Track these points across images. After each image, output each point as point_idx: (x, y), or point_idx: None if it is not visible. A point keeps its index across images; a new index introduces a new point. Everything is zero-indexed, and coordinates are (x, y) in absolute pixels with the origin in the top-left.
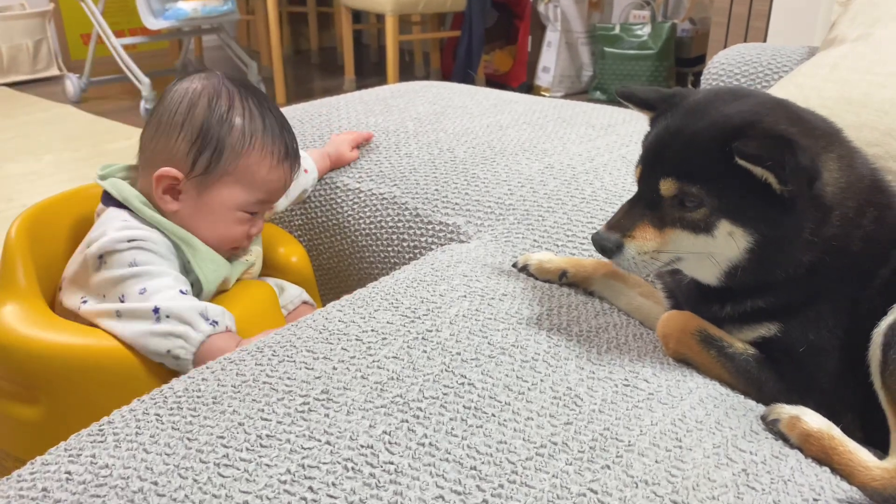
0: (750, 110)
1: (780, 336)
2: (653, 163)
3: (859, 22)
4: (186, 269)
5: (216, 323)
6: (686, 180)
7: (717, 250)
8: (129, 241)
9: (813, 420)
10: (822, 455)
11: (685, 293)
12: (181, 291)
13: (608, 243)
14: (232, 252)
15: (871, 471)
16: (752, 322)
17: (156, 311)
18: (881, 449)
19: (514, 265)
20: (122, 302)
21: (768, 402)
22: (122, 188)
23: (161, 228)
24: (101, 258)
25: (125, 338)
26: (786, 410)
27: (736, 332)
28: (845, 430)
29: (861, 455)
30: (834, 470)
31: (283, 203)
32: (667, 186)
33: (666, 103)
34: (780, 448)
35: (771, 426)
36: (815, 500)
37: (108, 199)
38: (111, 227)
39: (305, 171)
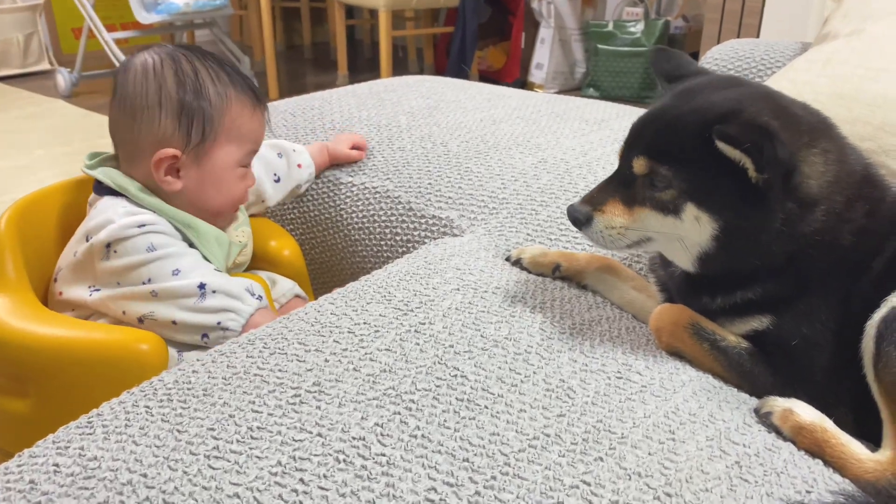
0: (736, 99)
1: (773, 329)
2: (632, 141)
3: (852, 17)
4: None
5: (261, 297)
6: (658, 160)
7: (685, 234)
8: (139, 226)
9: (805, 413)
10: (814, 447)
11: (676, 285)
12: (216, 269)
13: (578, 215)
14: (233, 214)
15: (863, 463)
16: (744, 315)
17: (201, 286)
18: (873, 442)
19: (508, 258)
20: (149, 284)
21: (761, 395)
22: (114, 176)
23: (162, 214)
24: (110, 246)
25: (163, 316)
26: (779, 403)
27: (728, 326)
28: (838, 423)
29: (853, 447)
30: (826, 462)
31: (275, 197)
32: (639, 164)
33: (670, 84)
34: (773, 440)
35: (764, 419)
36: (807, 492)
37: (101, 189)
38: (114, 213)
39: (299, 165)
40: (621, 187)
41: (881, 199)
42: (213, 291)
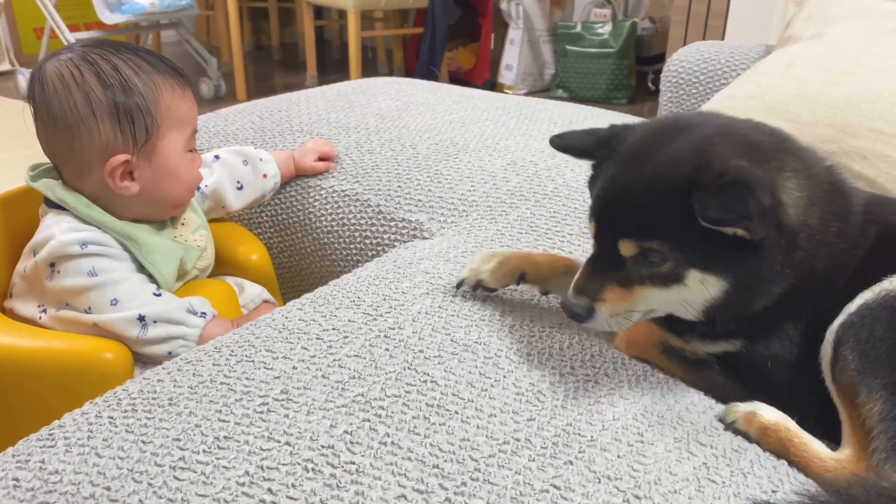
0: (694, 150)
1: (745, 351)
2: (606, 221)
3: (814, 20)
4: (141, 266)
5: (204, 314)
6: (645, 238)
7: (691, 297)
8: (80, 244)
9: (768, 413)
10: (779, 447)
11: None
12: (155, 294)
13: (578, 310)
14: (183, 205)
15: (824, 461)
16: (715, 339)
17: (141, 318)
18: (835, 441)
19: (459, 285)
20: (90, 314)
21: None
22: (55, 189)
23: (104, 228)
24: (54, 266)
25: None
26: (741, 408)
27: (700, 345)
28: (800, 423)
29: (815, 447)
30: (790, 462)
31: (237, 204)
32: (626, 247)
33: (605, 148)
34: (740, 442)
35: (730, 427)
36: (773, 491)
37: (50, 201)
38: (57, 229)
39: (265, 175)
40: (612, 270)
41: (848, 211)
42: (154, 322)
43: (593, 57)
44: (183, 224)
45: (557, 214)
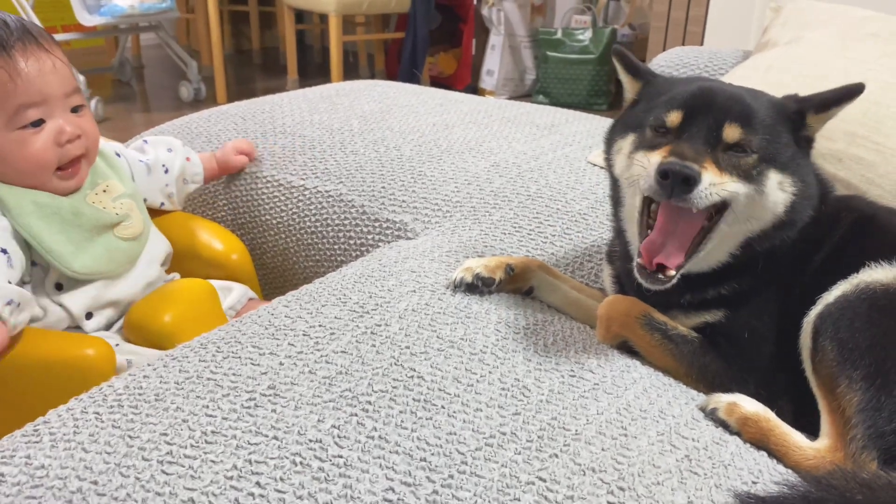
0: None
1: (724, 322)
2: (708, 109)
3: (790, 26)
4: (16, 233)
5: None
6: (749, 129)
7: (764, 204)
8: None
9: (749, 405)
10: (759, 437)
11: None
12: None
13: (692, 171)
14: (65, 177)
15: (804, 451)
16: (699, 309)
17: None
18: (809, 432)
19: (458, 284)
20: None
21: (710, 385)
22: None
23: None
24: None
25: None
26: (723, 399)
27: (681, 318)
28: (779, 413)
29: (795, 437)
30: (770, 452)
31: (172, 185)
32: (732, 131)
33: (648, 75)
34: (721, 434)
35: (710, 415)
36: (753, 482)
37: None
38: None
39: (188, 158)
40: (706, 148)
41: (826, 192)
42: None
43: (574, 63)
44: (105, 191)
45: (540, 215)
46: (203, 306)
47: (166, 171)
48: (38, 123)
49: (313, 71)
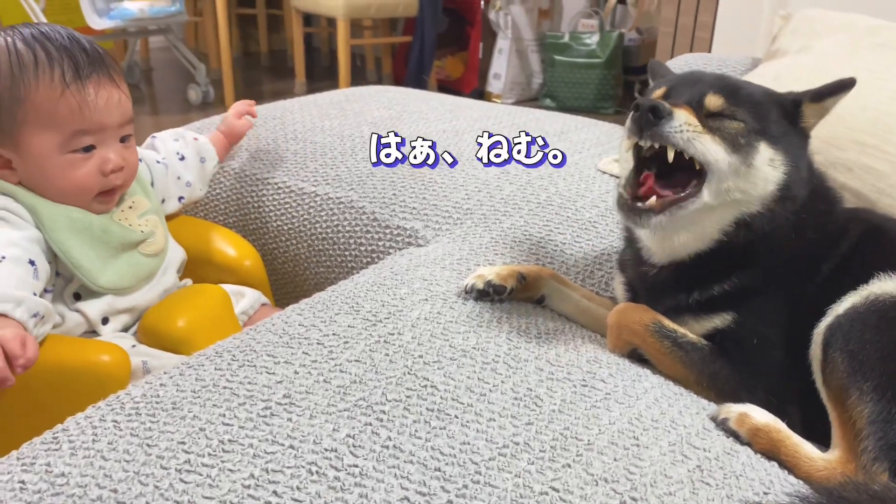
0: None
1: (733, 328)
2: (691, 83)
3: (800, 34)
4: (48, 243)
5: None
6: (733, 100)
7: (754, 178)
8: None
9: (760, 415)
10: (770, 448)
11: (649, 283)
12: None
13: (660, 105)
14: (103, 202)
15: (814, 462)
16: (709, 312)
17: None
18: (817, 441)
19: (470, 290)
20: None
21: (719, 393)
22: None
23: (16, 198)
24: None
25: None
26: (734, 409)
27: (692, 324)
28: (787, 420)
29: (806, 448)
30: (781, 463)
31: (188, 174)
32: (714, 100)
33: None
34: (732, 445)
35: (721, 424)
36: (765, 493)
37: None
38: None
39: (195, 139)
40: (686, 104)
41: (834, 202)
42: None
43: (581, 67)
44: (131, 207)
45: (550, 223)
46: (216, 312)
47: (182, 158)
48: (89, 149)
49: (321, 74)
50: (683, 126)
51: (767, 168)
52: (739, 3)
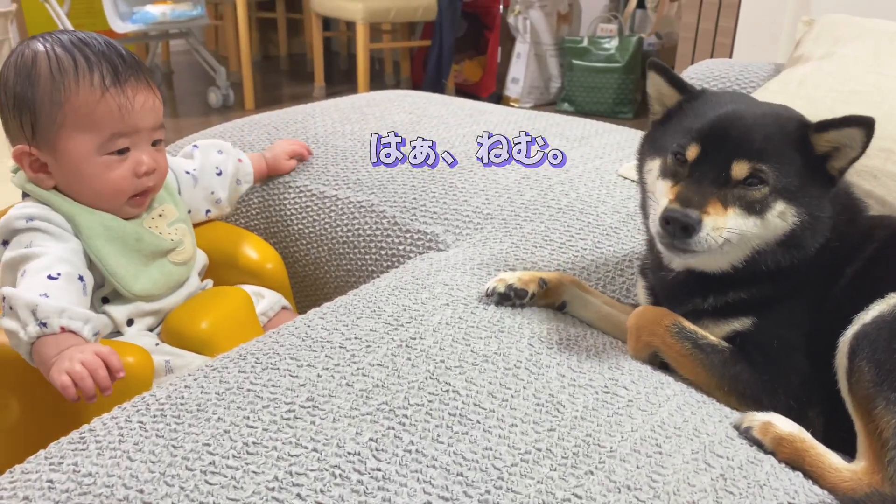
0: (788, 109)
1: (754, 331)
2: (721, 144)
3: (823, 40)
4: (86, 251)
5: (44, 324)
6: (757, 161)
7: (761, 233)
8: (27, 218)
9: (784, 424)
10: (794, 457)
11: (668, 288)
12: (49, 276)
13: (691, 220)
14: (135, 204)
15: (840, 472)
16: (728, 316)
17: (4, 298)
18: (840, 449)
19: (490, 294)
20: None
21: (739, 397)
22: (21, 178)
23: (53, 207)
24: (5, 242)
25: None
26: (758, 417)
27: (711, 327)
28: (809, 424)
29: (831, 458)
30: (805, 472)
31: (222, 191)
32: (740, 168)
33: (692, 91)
34: (756, 453)
35: (745, 433)
36: (790, 503)
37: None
38: (13, 210)
39: (239, 160)
40: (714, 188)
41: (858, 210)
42: (10, 307)
43: (599, 71)
44: (161, 215)
45: (571, 229)
46: (239, 314)
47: (219, 174)
48: (124, 151)
49: (339, 78)
50: (710, 234)
51: (777, 221)
52: (761, 8)
